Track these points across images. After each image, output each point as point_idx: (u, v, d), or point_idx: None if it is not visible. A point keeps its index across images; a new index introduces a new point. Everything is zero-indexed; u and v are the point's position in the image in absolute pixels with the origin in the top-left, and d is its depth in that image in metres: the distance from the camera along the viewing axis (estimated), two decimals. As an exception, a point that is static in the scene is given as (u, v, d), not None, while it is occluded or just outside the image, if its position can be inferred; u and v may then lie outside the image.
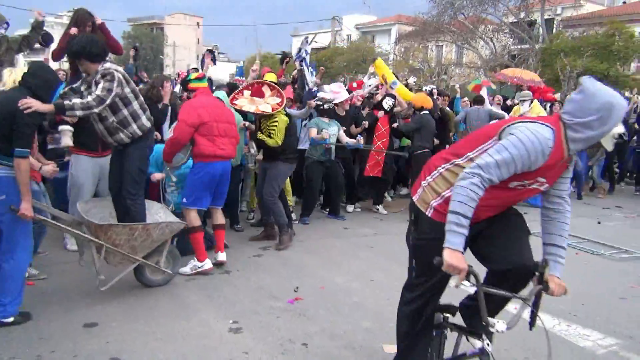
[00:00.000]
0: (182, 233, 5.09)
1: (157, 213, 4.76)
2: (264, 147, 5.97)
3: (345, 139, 7.32)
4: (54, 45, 6.28)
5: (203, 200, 5.01)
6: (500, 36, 26.28)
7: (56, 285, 4.57)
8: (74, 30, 5.49)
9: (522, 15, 25.48)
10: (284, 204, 6.22)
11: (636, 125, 10.95)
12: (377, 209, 8.17)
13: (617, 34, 20.68)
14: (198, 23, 57.95)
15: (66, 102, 3.85)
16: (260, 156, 6.32)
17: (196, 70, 7.80)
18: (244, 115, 6.26)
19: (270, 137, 5.76)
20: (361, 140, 7.53)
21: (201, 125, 4.82)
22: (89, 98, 3.94)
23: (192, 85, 5.17)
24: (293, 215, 6.93)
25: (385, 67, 9.04)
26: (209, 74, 7.77)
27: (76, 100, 3.89)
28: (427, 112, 7.77)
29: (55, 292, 4.43)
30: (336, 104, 7.45)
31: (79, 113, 3.91)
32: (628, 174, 12.22)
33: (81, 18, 5.58)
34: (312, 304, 4.40)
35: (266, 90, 5.95)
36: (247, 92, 5.97)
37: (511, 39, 27.22)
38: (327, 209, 7.82)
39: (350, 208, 8.15)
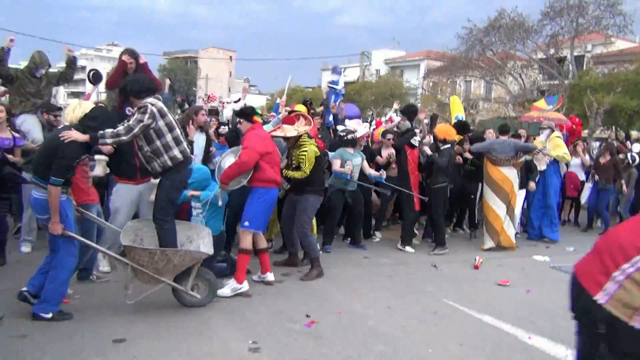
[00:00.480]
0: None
1: (203, 238, 5.01)
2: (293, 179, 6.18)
3: (369, 170, 7.51)
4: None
5: (263, 223, 5.45)
6: (529, 72, 26.38)
7: (87, 303, 4.84)
8: (125, 57, 5.95)
9: (552, 51, 25.61)
10: None
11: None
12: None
13: (646, 71, 20.57)
14: (231, 57, 59.62)
15: (99, 132, 4.23)
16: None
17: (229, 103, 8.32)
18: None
19: (299, 167, 6.00)
20: (384, 174, 7.63)
21: (267, 154, 5.31)
22: (120, 128, 4.32)
23: (255, 117, 5.63)
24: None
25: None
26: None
27: (108, 130, 4.27)
28: (450, 145, 7.89)
29: (86, 309, 4.68)
30: (354, 140, 7.64)
31: (109, 141, 4.32)
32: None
33: (130, 52, 6.04)
34: (329, 328, 4.56)
35: (299, 120, 6.26)
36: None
37: (540, 75, 27.28)
38: (349, 239, 7.98)
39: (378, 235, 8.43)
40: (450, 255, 7.65)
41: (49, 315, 4.29)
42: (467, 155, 8.65)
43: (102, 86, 7.56)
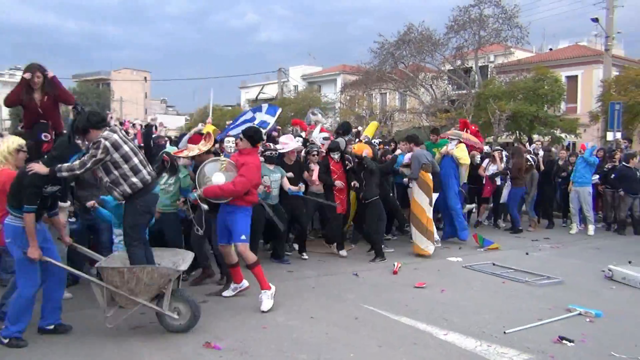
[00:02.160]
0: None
1: (187, 262, 5.11)
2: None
3: (288, 186, 7.65)
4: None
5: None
6: (440, 83, 27.75)
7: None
8: (27, 75, 5.70)
9: (458, 63, 27.12)
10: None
11: (560, 162, 11.87)
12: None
13: (543, 79, 22.24)
14: (145, 78, 58.20)
15: (57, 166, 4.48)
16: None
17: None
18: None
19: None
20: (302, 187, 7.85)
21: (257, 185, 5.90)
22: (75, 162, 4.59)
23: (259, 145, 6.01)
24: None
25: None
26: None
27: (64, 165, 4.54)
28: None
29: None
30: (283, 154, 7.90)
31: (65, 174, 4.53)
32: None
33: (30, 67, 5.77)
34: (254, 343, 4.65)
35: (205, 139, 6.36)
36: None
37: (450, 86, 28.77)
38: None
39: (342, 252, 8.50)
40: (372, 263, 7.95)
41: (6, 341, 4.47)
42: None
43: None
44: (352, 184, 8.36)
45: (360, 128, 13.88)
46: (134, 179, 4.72)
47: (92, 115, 4.84)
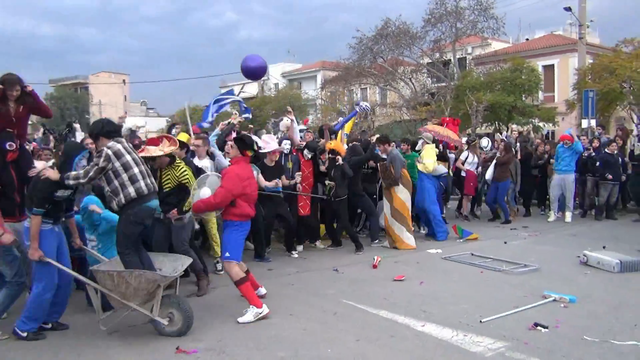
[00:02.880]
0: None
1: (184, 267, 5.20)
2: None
3: (264, 183, 7.61)
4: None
5: (240, 253, 5.56)
6: (419, 76, 27.90)
7: None
8: (4, 88, 5.55)
9: (437, 55, 27.29)
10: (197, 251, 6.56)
11: (538, 152, 12.03)
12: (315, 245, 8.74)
13: (520, 69, 22.46)
14: (124, 80, 57.57)
15: (66, 174, 4.71)
16: None
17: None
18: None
19: (183, 188, 6.03)
20: (280, 183, 7.84)
21: (243, 195, 5.39)
22: (80, 171, 4.75)
23: (247, 152, 5.56)
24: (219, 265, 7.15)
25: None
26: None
27: (72, 173, 4.74)
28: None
29: None
30: (264, 154, 7.77)
31: (71, 182, 4.69)
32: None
33: (9, 80, 5.64)
34: (233, 342, 4.66)
35: (163, 141, 6.20)
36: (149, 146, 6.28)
37: (429, 79, 28.94)
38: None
39: (299, 248, 8.56)
40: (351, 258, 7.99)
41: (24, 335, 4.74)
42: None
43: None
44: (327, 183, 8.41)
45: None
46: (130, 189, 4.74)
47: (108, 124, 4.99)
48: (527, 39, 35.60)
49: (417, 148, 9.97)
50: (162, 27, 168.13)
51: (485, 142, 12.30)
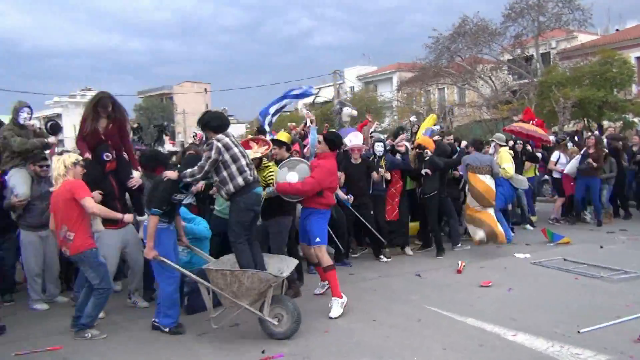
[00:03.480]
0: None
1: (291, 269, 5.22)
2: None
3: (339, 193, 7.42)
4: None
5: (326, 239, 5.95)
6: (499, 74, 26.92)
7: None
8: (100, 109, 5.88)
9: (518, 51, 26.20)
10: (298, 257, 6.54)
11: (635, 149, 11.16)
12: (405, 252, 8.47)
13: (610, 62, 21.09)
14: (205, 89, 59.75)
15: (182, 172, 4.96)
16: None
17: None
18: None
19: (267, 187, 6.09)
20: (351, 199, 7.58)
21: (330, 188, 5.87)
22: (195, 168, 4.96)
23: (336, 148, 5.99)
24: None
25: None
26: None
27: (187, 171, 4.96)
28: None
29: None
30: (345, 151, 7.73)
31: (189, 179, 4.97)
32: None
33: (102, 102, 5.99)
34: (317, 347, 4.64)
35: (253, 144, 6.37)
36: None
37: (510, 76, 27.85)
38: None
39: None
40: (434, 262, 7.77)
41: (167, 330, 5.11)
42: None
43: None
44: (424, 172, 8.11)
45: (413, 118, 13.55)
46: (239, 179, 4.95)
47: (213, 119, 5.17)
48: (618, 30, 33.40)
49: (490, 152, 9.47)
50: (239, 37, 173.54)
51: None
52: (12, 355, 4.76)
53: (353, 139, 7.80)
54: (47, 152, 6.92)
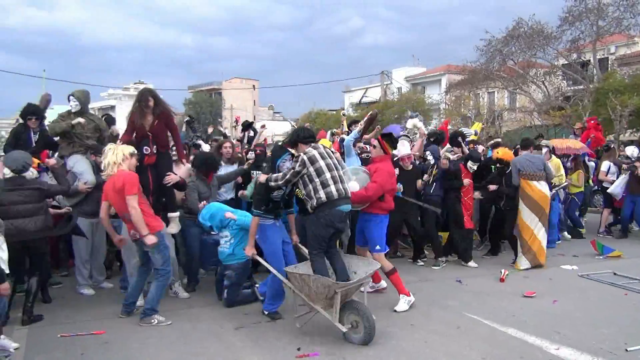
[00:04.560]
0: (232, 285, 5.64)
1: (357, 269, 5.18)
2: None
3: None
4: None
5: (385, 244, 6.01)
6: (553, 79, 26.11)
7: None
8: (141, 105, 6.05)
9: (574, 56, 25.35)
10: None
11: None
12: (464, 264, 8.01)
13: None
14: (254, 86, 60.64)
15: (269, 176, 5.10)
16: None
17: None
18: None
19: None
20: (400, 188, 7.44)
21: (391, 190, 5.94)
22: (279, 174, 5.07)
23: (390, 151, 6.05)
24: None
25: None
26: None
27: (272, 175, 5.09)
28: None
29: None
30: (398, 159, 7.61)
31: (272, 184, 5.05)
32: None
33: (143, 96, 6.18)
34: (353, 348, 4.61)
35: None
36: None
37: (564, 81, 26.98)
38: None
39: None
40: (476, 270, 7.62)
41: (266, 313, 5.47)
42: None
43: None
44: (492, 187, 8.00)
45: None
46: (321, 193, 4.86)
47: (302, 130, 5.31)
48: (682, 36, 31.85)
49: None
50: (289, 34, 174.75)
51: (630, 150, 11.05)
52: (58, 336, 4.96)
53: (401, 149, 7.67)
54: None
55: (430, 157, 8.18)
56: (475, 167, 8.01)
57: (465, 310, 5.66)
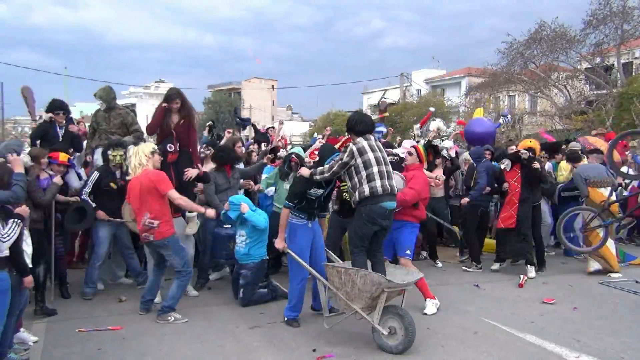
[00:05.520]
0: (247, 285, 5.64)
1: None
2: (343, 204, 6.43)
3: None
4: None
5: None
6: (575, 83, 25.74)
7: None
8: (165, 104, 6.17)
9: (597, 60, 24.96)
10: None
11: None
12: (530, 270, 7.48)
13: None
14: (273, 86, 60.76)
15: (313, 170, 4.97)
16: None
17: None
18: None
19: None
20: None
21: (425, 198, 6.06)
22: (326, 166, 4.91)
23: (424, 157, 6.21)
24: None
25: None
26: None
27: (318, 168, 4.95)
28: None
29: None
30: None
31: (318, 177, 4.90)
32: None
33: (170, 95, 6.26)
34: (367, 350, 4.59)
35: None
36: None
37: (587, 85, 26.58)
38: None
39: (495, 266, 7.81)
40: (495, 274, 7.53)
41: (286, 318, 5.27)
42: None
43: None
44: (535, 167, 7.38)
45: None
46: (365, 187, 4.71)
47: (357, 123, 4.95)
48: None
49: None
50: (310, 35, 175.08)
51: None
52: (76, 331, 5.01)
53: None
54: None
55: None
56: (509, 167, 7.51)
57: (482, 315, 5.60)
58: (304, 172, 5.02)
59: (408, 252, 5.79)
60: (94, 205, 6.07)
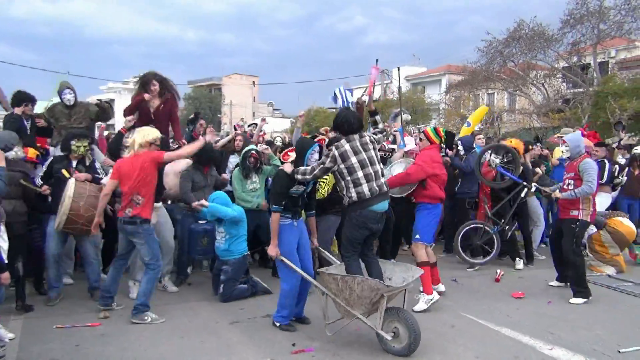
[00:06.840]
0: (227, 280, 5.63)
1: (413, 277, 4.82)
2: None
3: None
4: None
5: (432, 236, 5.97)
6: (553, 81, 26.11)
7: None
8: (147, 96, 6.15)
9: (574, 59, 25.35)
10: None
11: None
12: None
13: (672, 74, 20.18)
14: (254, 82, 60.52)
15: (295, 169, 4.80)
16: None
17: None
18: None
19: (317, 190, 6.01)
20: None
21: (434, 175, 5.77)
22: (308, 167, 4.78)
23: (435, 139, 5.96)
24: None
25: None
26: None
27: (300, 168, 4.79)
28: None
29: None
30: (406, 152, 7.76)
31: (299, 177, 4.75)
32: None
33: (147, 79, 6.20)
34: (347, 344, 4.64)
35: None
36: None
37: (564, 84, 26.98)
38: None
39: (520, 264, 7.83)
40: (472, 270, 7.63)
41: (278, 324, 5.03)
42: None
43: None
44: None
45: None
46: (352, 192, 4.61)
47: (343, 123, 4.78)
48: (683, 41, 31.90)
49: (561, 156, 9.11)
50: (293, 31, 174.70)
51: None
52: (54, 327, 4.97)
53: (409, 144, 7.88)
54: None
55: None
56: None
57: (460, 309, 5.68)
58: (287, 167, 4.90)
59: (418, 236, 5.72)
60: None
